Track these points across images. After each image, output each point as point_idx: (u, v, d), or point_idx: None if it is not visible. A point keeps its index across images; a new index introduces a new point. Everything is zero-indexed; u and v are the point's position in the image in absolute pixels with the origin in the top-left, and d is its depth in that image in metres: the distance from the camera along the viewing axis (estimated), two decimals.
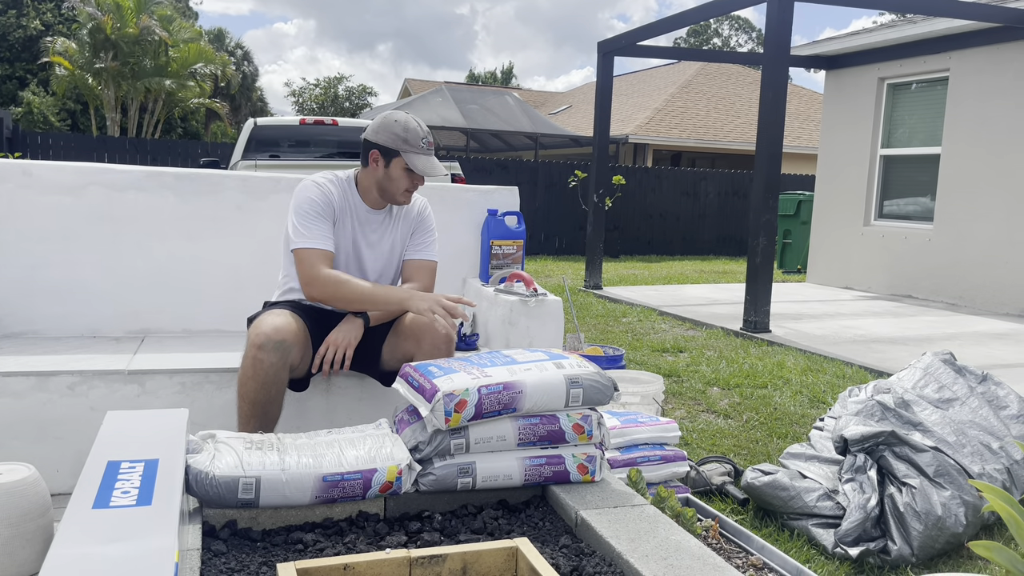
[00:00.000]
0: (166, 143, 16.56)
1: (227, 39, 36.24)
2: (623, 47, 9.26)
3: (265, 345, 2.52)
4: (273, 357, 2.53)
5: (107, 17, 20.30)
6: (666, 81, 23.91)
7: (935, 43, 8.69)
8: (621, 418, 2.91)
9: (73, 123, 27.02)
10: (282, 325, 2.58)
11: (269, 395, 2.56)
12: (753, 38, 46.35)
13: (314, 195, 2.77)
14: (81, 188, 3.29)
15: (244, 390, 2.55)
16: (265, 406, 2.56)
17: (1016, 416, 3.03)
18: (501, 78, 45.57)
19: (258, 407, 2.56)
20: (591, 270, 9.37)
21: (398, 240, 2.95)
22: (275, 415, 2.61)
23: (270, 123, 9.35)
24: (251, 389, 2.54)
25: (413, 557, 1.77)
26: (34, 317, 3.27)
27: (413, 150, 2.74)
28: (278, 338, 2.54)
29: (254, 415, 2.56)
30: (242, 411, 2.58)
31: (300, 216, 2.73)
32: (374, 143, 2.77)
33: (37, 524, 2.08)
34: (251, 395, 2.55)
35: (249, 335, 2.60)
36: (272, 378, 2.54)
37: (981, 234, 8.31)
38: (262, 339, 2.53)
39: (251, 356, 2.54)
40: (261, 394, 2.54)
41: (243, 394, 2.56)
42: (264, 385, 2.54)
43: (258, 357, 2.52)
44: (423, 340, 2.65)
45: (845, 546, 2.50)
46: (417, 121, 2.79)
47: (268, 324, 2.57)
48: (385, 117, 2.80)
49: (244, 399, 2.56)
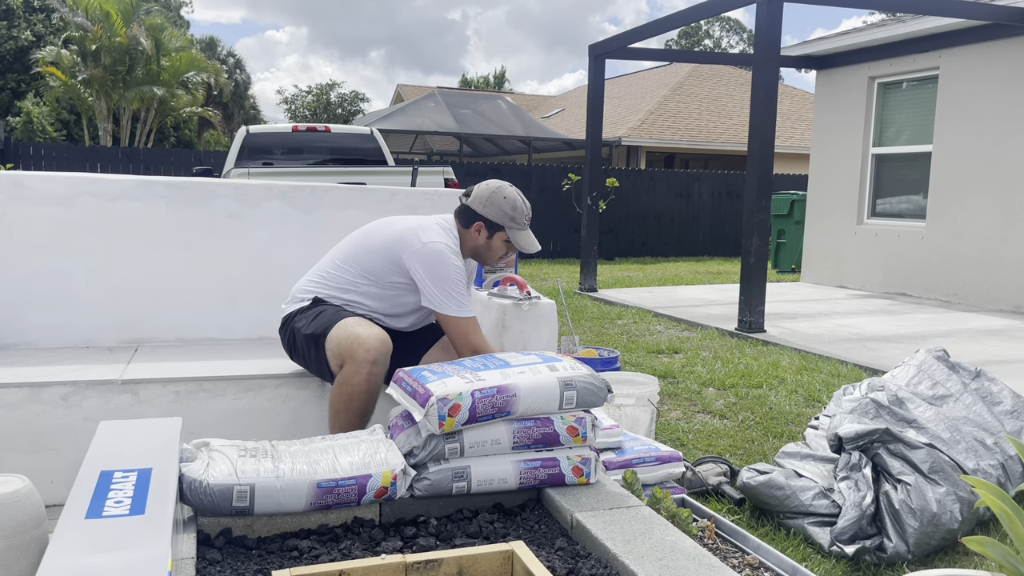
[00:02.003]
0: (159, 152, 16.53)
1: (219, 47, 36.20)
2: (614, 50, 9.28)
3: (379, 360, 2.59)
4: (382, 370, 2.62)
5: (96, 27, 20.27)
6: (658, 83, 23.95)
7: (924, 42, 8.72)
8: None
9: (68, 133, 26.98)
10: (385, 337, 2.64)
11: (372, 406, 2.65)
12: (744, 39, 46.48)
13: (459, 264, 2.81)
14: (73, 198, 3.29)
15: (355, 404, 2.59)
16: (365, 418, 2.64)
17: (1010, 412, 3.04)
18: (494, 83, 45.60)
19: (363, 418, 2.62)
20: (586, 273, 9.37)
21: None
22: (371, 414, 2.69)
23: (263, 131, 9.35)
24: (364, 403, 2.60)
25: (409, 562, 1.77)
26: (27, 328, 3.26)
27: (518, 227, 2.86)
28: (385, 350, 2.61)
29: (353, 425, 2.62)
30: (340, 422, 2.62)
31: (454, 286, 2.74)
32: (481, 216, 2.84)
33: (32, 535, 2.07)
34: (363, 408, 2.60)
35: (354, 349, 2.58)
36: (379, 387, 2.64)
37: (974, 231, 8.33)
38: (374, 354, 2.58)
39: (367, 371, 2.57)
40: (369, 405, 2.62)
41: (354, 408, 2.60)
42: (373, 396, 2.62)
43: (373, 372, 2.58)
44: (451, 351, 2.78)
45: (841, 544, 2.50)
46: (523, 199, 2.90)
47: (374, 338, 2.60)
48: (495, 193, 2.86)
49: (354, 413, 2.60)
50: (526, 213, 2.88)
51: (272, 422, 2.90)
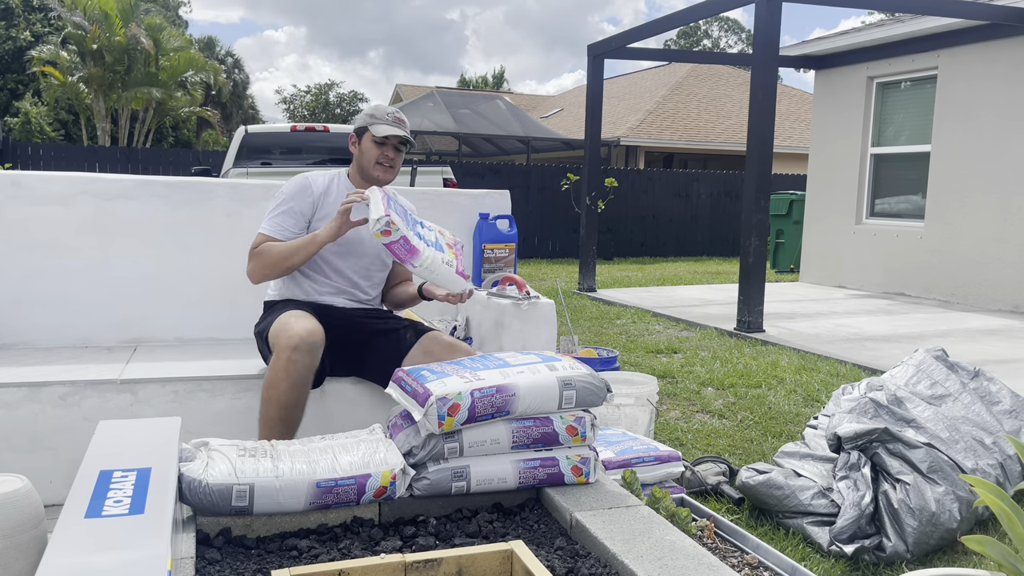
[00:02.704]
0: (157, 152, 16.52)
1: (217, 47, 36.18)
2: (613, 49, 9.28)
3: (300, 347, 2.55)
4: (307, 359, 2.57)
5: (94, 27, 20.26)
6: (657, 83, 23.96)
7: (923, 41, 8.73)
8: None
9: (66, 133, 26.96)
10: (314, 328, 2.62)
11: (298, 397, 2.59)
12: (743, 39, 46.49)
13: (291, 186, 2.93)
14: (71, 198, 3.29)
15: (274, 393, 2.56)
16: (292, 409, 2.59)
17: (1009, 411, 3.04)
18: (492, 82, 45.59)
19: (286, 410, 2.58)
20: (585, 273, 9.37)
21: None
22: (298, 420, 2.63)
23: (261, 130, 9.34)
24: (283, 391, 2.56)
25: (408, 562, 1.77)
26: (25, 328, 3.26)
27: (379, 121, 2.90)
28: (312, 340, 2.58)
29: (280, 419, 2.58)
30: (267, 416, 2.58)
31: (274, 200, 2.92)
32: (352, 132, 2.98)
33: (31, 535, 2.07)
34: (282, 397, 2.56)
35: (279, 337, 2.60)
36: (303, 380, 2.58)
37: (972, 231, 8.34)
38: (296, 340, 2.55)
39: (285, 358, 2.55)
40: (291, 396, 2.57)
41: (272, 397, 2.57)
42: (295, 386, 2.57)
43: (292, 359, 2.54)
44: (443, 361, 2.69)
45: (840, 544, 2.50)
46: (393, 108, 2.98)
47: (300, 326, 2.59)
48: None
49: (272, 402, 2.57)
50: (387, 110, 2.94)
51: None
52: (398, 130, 2.88)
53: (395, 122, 2.91)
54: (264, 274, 2.84)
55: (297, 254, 2.77)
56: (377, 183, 2.92)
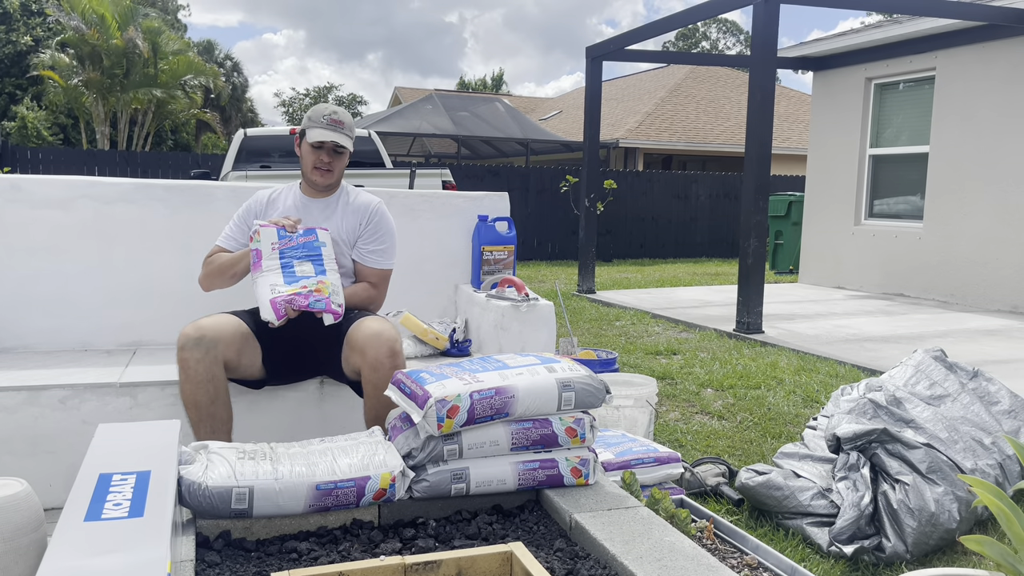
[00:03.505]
0: (156, 155, 16.52)
1: (216, 50, 36.17)
2: (611, 52, 9.29)
3: (186, 345, 2.56)
4: (196, 354, 2.55)
5: (92, 30, 20.27)
6: (655, 85, 23.98)
7: (921, 42, 8.74)
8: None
9: (65, 137, 26.96)
10: (205, 323, 2.62)
11: (208, 394, 2.56)
12: (741, 41, 46.53)
13: (247, 203, 3.00)
14: (71, 201, 3.29)
15: (184, 396, 2.58)
16: (208, 408, 2.57)
17: (1007, 411, 3.04)
18: (491, 85, 45.59)
19: (201, 409, 2.56)
20: (584, 274, 9.38)
21: (344, 227, 2.99)
22: (223, 416, 2.60)
23: (260, 133, 9.35)
24: (188, 392, 2.56)
25: (408, 564, 1.77)
26: (25, 332, 3.26)
27: (314, 125, 2.88)
28: (196, 335, 2.57)
29: (201, 419, 2.57)
30: (190, 419, 2.60)
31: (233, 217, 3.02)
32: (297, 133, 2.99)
33: (30, 539, 2.07)
34: (190, 398, 2.56)
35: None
36: (203, 375, 2.55)
37: (971, 231, 8.35)
38: (182, 340, 2.57)
39: (178, 359, 2.57)
40: (199, 394, 2.55)
41: (184, 401, 2.59)
42: (198, 384, 2.55)
43: (182, 357, 2.56)
44: (367, 352, 2.62)
45: (840, 544, 2.50)
46: (333, 107, 2.93)
47: (189, 326, 2.62)
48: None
49: (187, 405, 2.59)
50: (325, 113, 2.89)
51: (270, 424, 2.90)
52: (330, 135, 2.85)
53: (330, 124, 2.87)
54: (211, 282, 2.90)
55: (237, 264, 2.82)
56: (316, 187, 2.97)
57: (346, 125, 2.90)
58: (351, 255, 2.99)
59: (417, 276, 3.72)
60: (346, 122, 2.91)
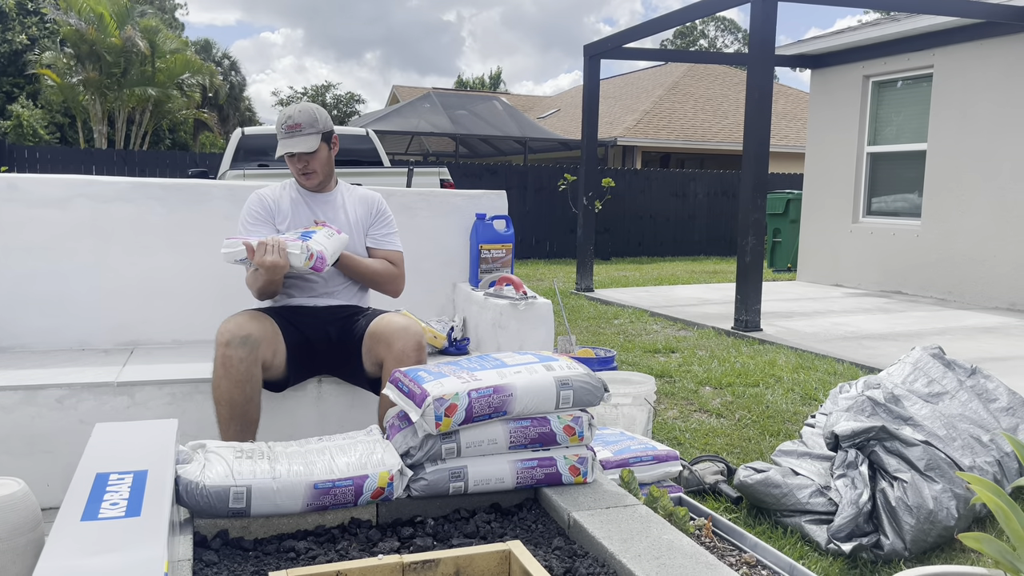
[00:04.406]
0: (154, 154, 16.49)
1: (214, 49, 36.14)
2: (609, 50, 9.28)
3: (231, 342, 2.55)
4: (241, 352, 2.55)
5: (90, 28, 20.24)
6: (653, 83, 23.97)
7: (919, 40, 8.74)
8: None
9: (62, 136, 26.92)
10: (245, 321, 2.62)
11: (244, 394, 2.56)
12: (739, 39, 46.52)
13: (251, 204, 2.97)
14: (68, 201, 3.28)
15: (218, 393, 2.57)
16: (243, 407, 2.57)
17: (1006, 409, 3.05)
18: (489, 83, 45.57)
19: (236, 408, 2.56)
20: (582, 273, 9.38)
21: (354, 218, 3.05)
22: (254, 417, 2.61)
23: (258, 132, 9.33)
24: (225, 389, 2.55)
25: (406, 563, 1.77)
26: (22, 331, 3.25)
27: (279, 137, 2.90)
28: (242, 333, 2.57)
29: (232, 417, 2.56)
30: (220, 416, 2.58)
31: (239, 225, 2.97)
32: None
33: (28, 538, 2.07)
34: (226, 396, 2.56)
35: (216, 337, 2.63)
36: (244, 375, 2.56)
37: (969, 229, 8.35)
38: (227, 336, 2.57)
39: (220, 355, 2.56)
40: (236, 393, 2.55)
41: (218, 397, 2.57)
42: (238, 383, 2.55)
43: (226, 354, 2.55)
44: (394, 344, 2.65)
45: (838, 542, 2.51)
46: (292, 109, 2.91)
47: (232, 322, 2.62)
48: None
49: (220, 402, 2.57)
50: (282, 122, 2.89)
51: (268, 423, 2.90)
52: (290, 145, 2.85)
53: (288, 132, 2.86)
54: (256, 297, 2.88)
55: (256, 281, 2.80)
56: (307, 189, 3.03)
57: (304, 124, 2.86)
58: (365, 243, 3.05)
59: (415, 274, 3.71)
60: (304, 121, 2.86)
